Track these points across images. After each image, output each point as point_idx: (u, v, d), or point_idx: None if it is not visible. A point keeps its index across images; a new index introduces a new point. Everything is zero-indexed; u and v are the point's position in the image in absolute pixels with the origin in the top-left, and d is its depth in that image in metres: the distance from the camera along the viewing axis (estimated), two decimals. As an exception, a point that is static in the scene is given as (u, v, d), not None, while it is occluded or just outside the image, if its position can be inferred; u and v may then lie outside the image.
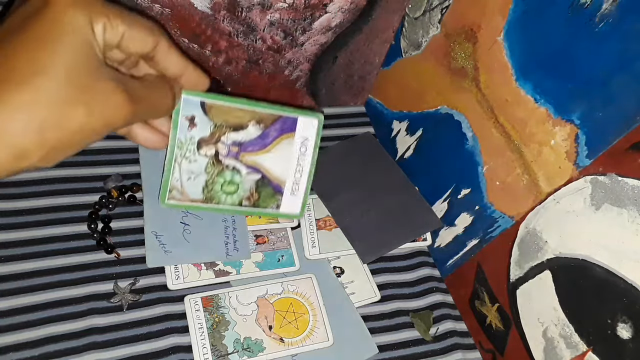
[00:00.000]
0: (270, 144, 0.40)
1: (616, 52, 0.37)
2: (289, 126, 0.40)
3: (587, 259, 0.42)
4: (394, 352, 0.55)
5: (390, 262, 0.62)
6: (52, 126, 0.26)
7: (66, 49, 0.27)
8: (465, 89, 0.53)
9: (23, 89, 0.26)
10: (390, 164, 0.67)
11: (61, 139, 0.27)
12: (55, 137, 0.27)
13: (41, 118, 0.26)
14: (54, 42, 0.27)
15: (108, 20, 0.28)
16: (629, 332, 0.39)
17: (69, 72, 0.27)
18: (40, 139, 0.26)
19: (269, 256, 0.58)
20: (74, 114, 0.27)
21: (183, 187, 0.38)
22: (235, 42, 0.58)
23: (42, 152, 0.27)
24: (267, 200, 0.41)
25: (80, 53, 0.27)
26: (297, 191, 0.42)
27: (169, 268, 0.55)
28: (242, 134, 0.38)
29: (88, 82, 0.27)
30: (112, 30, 0.29)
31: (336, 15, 0.58)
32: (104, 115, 0.28)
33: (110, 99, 0.28)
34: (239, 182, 0.40)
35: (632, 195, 0.37)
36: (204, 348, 0.50)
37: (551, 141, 0.44)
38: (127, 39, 0.30)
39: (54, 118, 0.26)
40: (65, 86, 0.26)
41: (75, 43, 0.27)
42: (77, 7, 0.27)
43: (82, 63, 0.27)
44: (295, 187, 0.42)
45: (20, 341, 0.48)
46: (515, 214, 0.49)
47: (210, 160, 0.38)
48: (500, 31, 0.47)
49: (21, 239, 0.53)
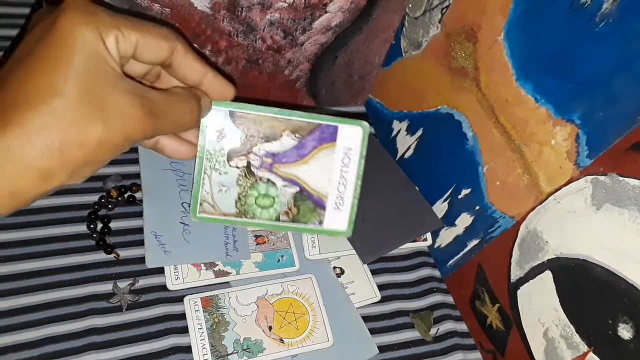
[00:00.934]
0: (308, 154, 0.37)
1: (617, 52, 0.37)
2: (329, 136, 0.37)
3: (588, 259, 0.42)
4: (394, 353, 0.55)
5: (390, 263, 0.61)
6: (72, 145, 0.27)
7: (78, 67, 0.27)
8: (465, 88, 0.53)
9: (39, 111, 0.26)
10: (390, 164, 0.67)
11: (83, 157, 0.27)
12: (77, 156, 0.27)
13: (60, 138, 0.26)
14: (66, 61, 0.27)
15: (119, 31, 0.28)
16: (630, 333, 0.39)
17: (83, 90, 0.27)
18: (61, 158, 0.27)
19: (269, 256, 0.58)
20: (92, 131, 0.27)
21: (214, 200, 0.37)
22: (235, 41, 0.58)
23: (66, 171, 0.27)
24: (307, 215, 0.39)
25: (92, 70, 0.27)
26: (342, 205, 0.39)
27: (169, 268, 0.54)
28: (276, 145, 0.37)
29: (103, 98, 0.27)
30: (124, 41, 0.29)
31: (336, 14, 0.58)
32: (122, 129, 0.28)
33: (128, 113, 0.28)
34: (275, 195, 0.38)
35: (633, 195, 0.37)
36: (203, 349, 0.50)
37: (552, 141, 0.44)
38: (142, 47, 0.30)
39: (73, 137, 0.27)
40: (80, 104, 0.27)
41: (87, 60, 0.27)
42: (85, 25, 0.27)
43: (96, 79, 0.27)
44: (339, 202, 0.39)
45: (20, 341, 0.48)
46: (515, 214, 0.49)
47: (242, 172, 0.37)
48: (500, 31, 0.47)
49: (20, 239, 0.53)
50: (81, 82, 0.27)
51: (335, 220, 0.39)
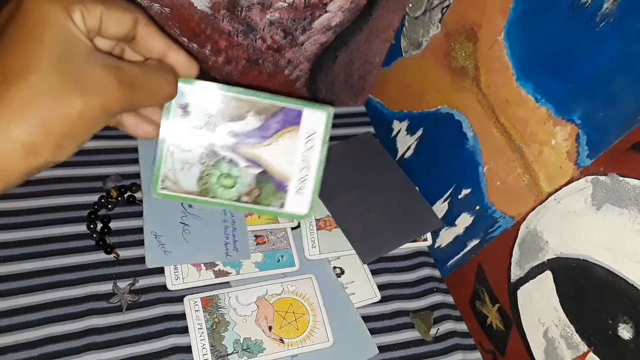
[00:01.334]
0: (272, 136, 0.37)
1: (617, 51, 0.37)
2: (293, 119, 0.37)
3: (588, 259, 0.42)
4: (394, 353, 0.55)
5: (390, 263, 0.61)
6: (54, 118, 0.27)
7: (50, 43, 0.27)
8: (465, 88, 0.53)
9: (18, 87, 0.26)
10: (390, 164, 0.67)
11: (66, 130, 0.27)
12: (59, 129, 0.27)
13: (41, 112, 0.26)
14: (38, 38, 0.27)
15: (84, 6, 0.29)
16: (630, 333, 0.39)
17: (59, 64, 0.27)
18: (45, 132, 0.27)
19: (269, 256, 0.58)
20: (73, 103, 0.27)
21: (176, 176, 0.37)
22: (235, 41, 0.58)
23: (50, 146, 0.27)
24: (269, 197, 0.39)
25: (65, 45, 0.28)
26: (304, 189, 0.39)
27: (169, 268, 0.54)
28: (240, 125, 0.36)
29: (79, 71, 0.28)
30: (89, 15, 0.29)
31: (336, 14, 0.58)
32: (99, 100, 0.28)
33: (105, 84, 0.28)
34: (237, 175, 0.37)
35: (633, 195, 0.37)
36: (203, 349, 0.50)
37: (552, 141, 0.44)
38: (106, 20, 0.30)
39: (54, 110, 0.27)
40: (58, 78, 0.27)
41: (58, 36, 0.27)
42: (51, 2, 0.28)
43: (69, 53, 0.28)
44: (301, 186, 0.39)
45: (20, 341, 0.48)
46: (516, 214, 0.49)
47: (205, 150, 0.36)
48: (501, 30, 0.47)
49: (20, 239, 0.53)
50: (56, 57, 0.27)
51: (297, 204, 0.39)
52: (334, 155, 0.66)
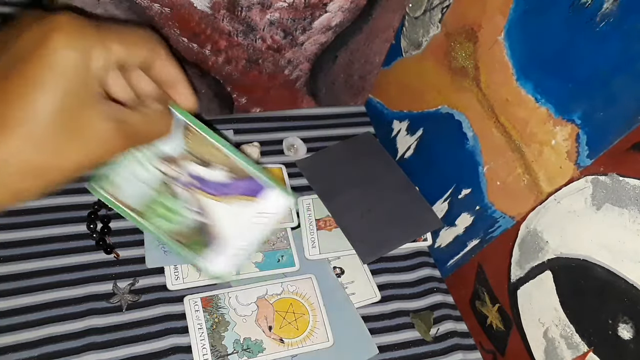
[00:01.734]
0: (230, 196, 0.37)
1: (617, 51, 0.37)
2: (255, 191, 0.37)
3: (588, 259, 0.42)
4: (394, 353, 0.55)
5: (390, 263, 0.61)
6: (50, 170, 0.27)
7: (61, 91, 0.27)
8: (465, 88, 0.53)
9: (16, 135, 0.26)
10: (390, 164, 0.67)
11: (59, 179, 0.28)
12: (53, 179, 0.28)
13: (38, 163, 0.27)
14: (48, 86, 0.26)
15: (105, 47, 0.28)
16: (630, 333, 0.39)
17: (64, 115, 0.27)
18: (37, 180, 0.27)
19: (269, 256, 0.58)
20: (71, 156, 0.28)
21: (120, 185, 0.36)
22: (235, 41, 0.58)
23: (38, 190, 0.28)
24: (196, 248, 0.38)
25: (74, 94, 0.27)
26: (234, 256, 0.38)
27: (169, 268, 0.54)
28: (206, 172, 0.36)
29: (84, 124, 0.28)
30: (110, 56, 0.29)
31: (336, 14, 0.58)
32: (98, 153, 0.29)
33: (107, 139, 0.29)
34: (181, 215, 0.37)
35: (633, 195, 0.37)
36: (203, 349, 0.50)
37: (552, 141, 0.44)
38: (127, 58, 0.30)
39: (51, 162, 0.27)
40: (58, 131, 0.27)
41: (70, 84, 0.27)
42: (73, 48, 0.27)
43: (77, 104, 0.27)
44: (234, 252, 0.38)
45: (20, 341, 0.48)
46: (516, 214, 0.49)
47: (163, 178, 0.36)
48: (501, 30, 0.47)
49: (20, 239, 0.53)
50: (63, 107, 0.27)
51: (220, 265, 0.38)
52: (334, 155, 0.66)
